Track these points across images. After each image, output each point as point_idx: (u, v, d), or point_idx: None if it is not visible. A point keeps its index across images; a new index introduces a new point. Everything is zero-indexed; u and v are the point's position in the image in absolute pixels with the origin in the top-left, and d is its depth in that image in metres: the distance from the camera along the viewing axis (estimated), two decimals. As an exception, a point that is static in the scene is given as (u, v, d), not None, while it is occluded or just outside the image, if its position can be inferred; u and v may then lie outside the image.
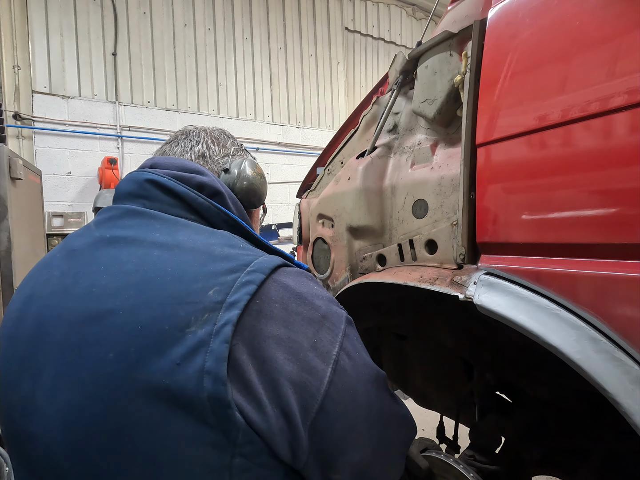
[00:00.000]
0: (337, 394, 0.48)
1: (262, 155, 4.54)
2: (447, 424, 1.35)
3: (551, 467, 1.14)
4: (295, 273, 0.54)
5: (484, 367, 1.16)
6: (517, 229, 0.63)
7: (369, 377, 0.55)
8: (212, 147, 0.71)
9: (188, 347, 0.42)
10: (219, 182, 0.64)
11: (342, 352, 0.50)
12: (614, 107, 0.50)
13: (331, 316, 0.52)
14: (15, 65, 3.43)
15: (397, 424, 0.63)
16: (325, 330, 0.50)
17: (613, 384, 0.48)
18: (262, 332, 0.45)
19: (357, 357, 0.53)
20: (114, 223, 0.55)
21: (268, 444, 0.43)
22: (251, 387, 0.43)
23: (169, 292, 0.45)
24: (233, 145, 0.76)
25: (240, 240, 0.56)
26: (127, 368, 0.42)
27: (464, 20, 0.81)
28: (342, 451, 0.51)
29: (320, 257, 1.24)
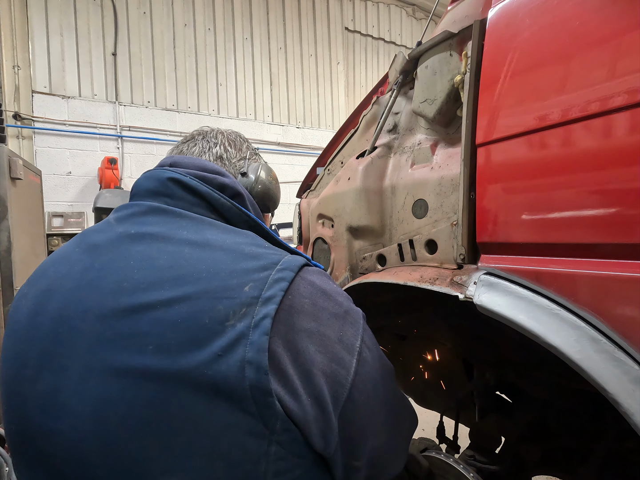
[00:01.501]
0: (362, 383, 0.52)
1: (262, 155, 4.54)
2: (447, 424, 1.35)
3: (551, 467, 1.14)
4: (317, 272, 0.57)
5: (484, 367, 1.16)
6: (517, 228, 0.63)
7: (385, 368, 0.60)
8: (229, 149, 0.73)
9: (229, 339, 0.44)
10: (239, 184, 0.66)
11: (363, 344, 0.54)
12: (614, 107, 0.50)
13: (352, 312, 0.56)
14: (15, 65, 3.43)
15: (406, 414, 0.67)
16: (348, 325, 0.54)
17: (613, 384, 0.48)
18: (294, 325, 0.48)
19: (375, 350, 0.58)
20: (137, 219, 0.55)
21: (303, 432, 0.46)
22: (287, 377, 0.45)
23: (205, 287, 0.47)
24: (248, 149, 0.78)
25: (262, 240, 0.59)
26: (167, 360, 0.43)
27: (464, 20, 0.81)
28: (365, 437, 0.54)
29: (320, 257, 1.24)
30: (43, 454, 0.47)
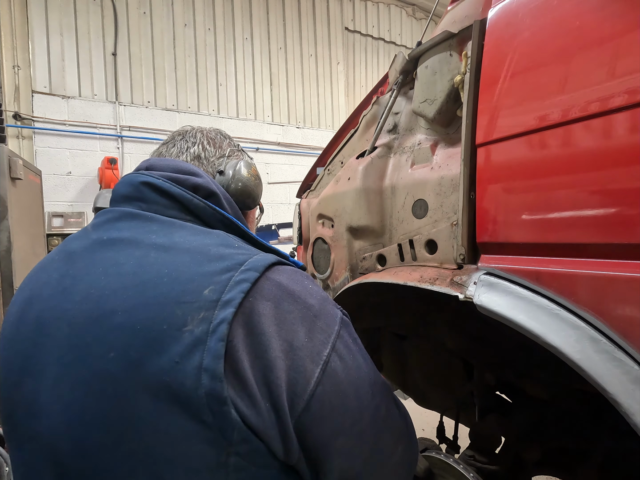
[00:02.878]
0: (325, 395, 0.48)
1: (262, 155, 4.54)
2: (447, 424, 1.35)
3: (551, 467, 1.14)
4: (290, 271, 0.54)
5: (484, 367, 1.16)
6: (517, 229, 0.63)
7: (363, 382, 0.53)
8: (207, 148, 0.72)
9: (186, 345, 0.43)
10: (214, 183, 0.65)
11: (333, 353, 0.50)
12: (614, 107, 0.50)
13: (325, 316, 0.52)
14: (15, 65, 3.43)
15: (396, 437, 0.59)
16: (317, 330, 0.50)
17: (613, 384, 0.48)
18: (254, 329, 0.46)
19: (350, 360, 0.52)
20: (111, 225, 0.56)
21: (263, 440, 0.44)
22: (245, 382, 0.43)
23: (165, 292, 0.46)
24: (229, 146, 0.76)
25: (236, 240, 0.57)
26: (128, 367, 0.43)
27: (464, 20, 0.81)
28: (329, 454, 0.50)
29: (320, 257, 1.24)
30: (31, 455, 0.49)
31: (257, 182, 0.74)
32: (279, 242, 3.80)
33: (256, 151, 4.50)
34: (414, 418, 0.70)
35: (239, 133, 4.39)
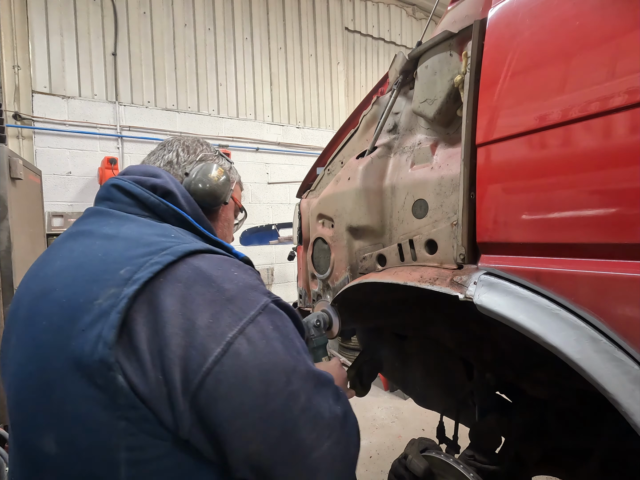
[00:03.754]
0: (222, 375, 0.50)
1: (262, 155, 4.54)
2: (447, 424, 1.35)
3: (551, 467, 1.14)
4: (218, 259, 0.59)
5: (484, 367, 1.16)
6: (517, 229, 0.63)
7: (276, 367, 0.54)
8: (181, 154, 0.81)
9: (93, 315, 0.49)
10: (174, 183, 0.72)
11: (241, 336, 0.52)
12: (614, 107, 0.50)
13: (240, 301, 0.55)
14: (15, 65, 3.43)
15: (319, 431, 0.57)
16: (227, 313, 0.53)
17: (613, 384, 0.48)
18: (158, 306, 0.50)
19: (262, 345, 0.53)
20: (81, 221, 0.66)
21: (152, 410, 0.48)
22: (138, 353, 0.48)
23: (91, 271, 0.54)
24: (204, 151, 0.84)
25: (180, 232, 0.64)
26: (52, 334, 0.52)
27: (464, 20, 0.81)
28: (228, 434, 0.51)
29: (320, 257, 1.24)
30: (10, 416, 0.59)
31: (219, 183, 0.78)
32: (279, 242, 3.80)
33: (256, 151, 4.50)
34: (414, 418, 0.68)
35: (239, 133, 4.39)
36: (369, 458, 2.62)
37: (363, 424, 3.06)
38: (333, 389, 0.62)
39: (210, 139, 4.16)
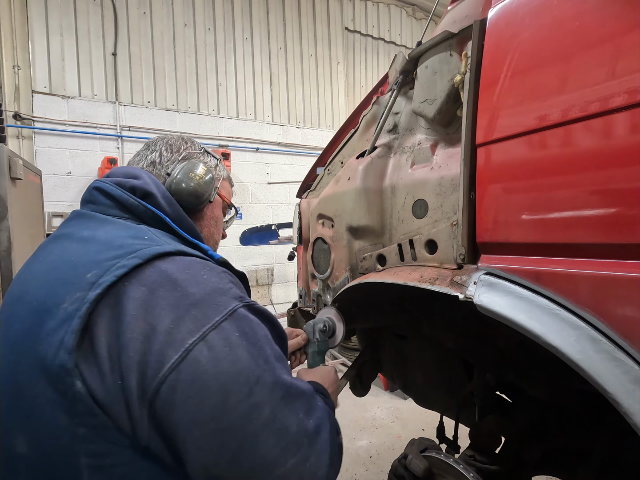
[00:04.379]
0: (179, 383, 0.48)
1: (262, 155, 4.54)
2: (447, 424, 1.35)
3: (551, 467, 1.14)
4: (188, 261, 0.57)
5: (484, 367, 1.16)
6: (517, 229, 0.63)
7: (238, 377, 0.51)
8: (164, 154, 0.79)
9: (58, 320, 0.49)
10: (155, 184, 0.71)
11: (202, 343, 0.50)
12: (614, 107, 0.50)
13: (205, 306, 0.53)
14: (15, 65, 3.43)
15: (282, 446, 0.52)
16: (189, 319, 0.51)
17: (613, 384, 0.48)
18: (120, 311, 0.50)
19: (223, 353, 0.51)
20: (65, 224, 0.67)
21: (110, 416, 0.48)
22: (98, 358, 0.48)
23: (60, 275, 0.55)
24: (188, 149, 0.82)
25: (157, 234, 0.62)
26: (22, 336, 0.52)
27: (464, 20, 0.81)
28: (186, 445, 0.49)
29: (320, 257, 1.24)
30: None
31: (201, 182, 0.77)
32: (279, 242, 3.80)
33: (256, 151, 4.50)
34: (414, 418, 0.66)
35: (239, 133, 4.39)
36: (369, 458, 2.62)
37: (363, 424, 3.06)
38: (305, 401, 0.58)
39: (210, 139, 4.17)
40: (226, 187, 0.91)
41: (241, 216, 4.36)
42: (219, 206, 0.87)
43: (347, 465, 2.56)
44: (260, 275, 4.46)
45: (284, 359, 0.60)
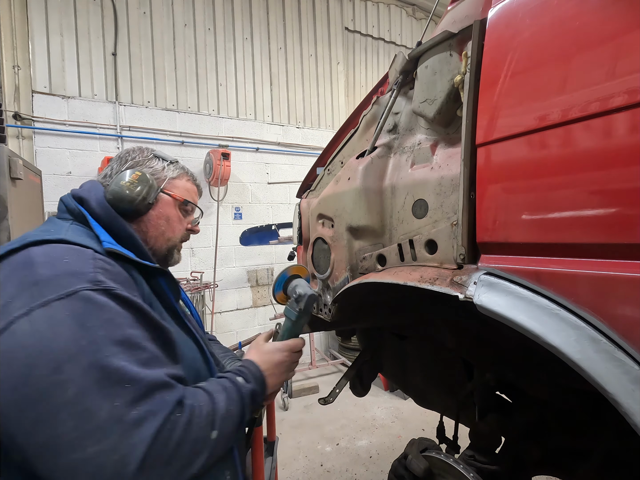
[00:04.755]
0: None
1: (262, 155, 4.53)
2: (447, 424, 1.35)
3: (551, 467, 1.14)
4: (61, 248, 0.63)
5: (484, 367, 1.16)
6: (517, 228, 0.63)
7: (47, 353, 0.51)
8: (113, 166, 0.88)
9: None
10: (94, 192, 0.81)
11: (25, 317, 0.53)
12: (614, 107, 0.50)
13: (46, 285, 0.56)
14: (15, 65, 3.43)
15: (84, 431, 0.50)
16: (26, 294, 0.55)
17: (613, 384, 0.48)
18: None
19: (42, 328, 0.53)
20: None
21: None
22: None
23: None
24: (136, 158, 0.89)
25: (70, 229, 0.72)
26: None
27: (464, 20, 0.81)
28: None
29: (320, 257, 1.24)
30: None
31: (132, 187, 0.82)
32: (279, 242, 3.80)
33: (256, 151, 4.50)
34: (414, 418, 0.67)
35: (239, 133, 4.39)
36: (369, 458, 2.62)
37: (363, 424, 3.06)
38: (135, 390, 0.54)
39: (210, 139, 4.17)
40: (182, 185, 0.93)
41: (241, 216, 4.36)
42: (170, 205, 0.90)
43: (347, 465, 2.56)
44: (260, 275, 4.46)
45: (134, 345, 0.57)
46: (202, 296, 3.89)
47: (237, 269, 4.32)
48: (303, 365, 4.11)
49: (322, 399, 1.35)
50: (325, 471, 2.51)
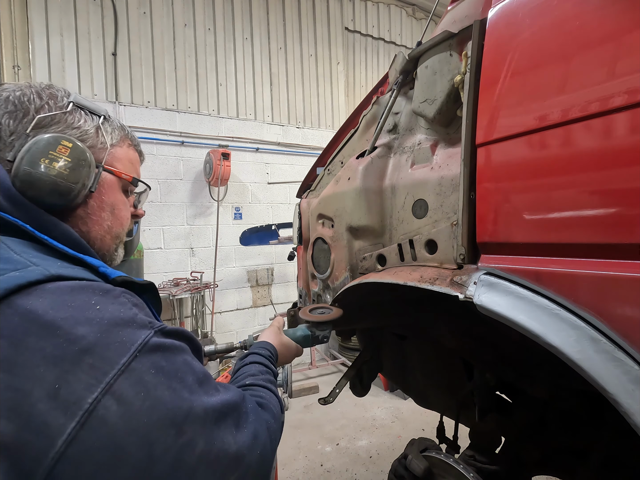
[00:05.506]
0: (84, 454, 0.38)
1: (262, 155, 4.53)
2: (447, 424, 1.35)
3: (551, 467, 1.14)
4: (66, 289, 0.43)
5: (484, 367, 1.16)
6: (517, 229, 0.63)
7: (161, 423, 0.42)
8: (4, 122, 0.54)
9: None
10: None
11: (107, 396, 0.39)
12: (614, 107, 0.50)
13: (103, 347, 0.41)
14: (15, 65, 3.43)
15: (224, 469, 0.48)
16: (83, 370, 0.39)
17: (613, 384, 0.48)
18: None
19: (138, 401, 0.41)
20: None
21: None
22: None
23: None
24: (45, 109, 0.56)
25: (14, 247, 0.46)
26: None
27: (464, 20, 0.81)
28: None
29: (320, 257, 1.24)
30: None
31: (65, 170, 0.54)
32: (279, 242, 3.80)
33: (256, 151, 4.50)
34: (414, 418, 0.67)
35: (239, 133, 4.39)
36: (369, 458, 2.62)
37: (363, 424, 3.06)
38: (237, 414, 0.53)
39: (210, 139, 4.17)
40: (124, 155, 0.66)
41: (241, 216, 4.36)
42: (114, 187, 0.63)
43: (347, 465, 2.56)
44: (260, 275, 4.46)
45: (208, 376, 0.53)
46: (202, 296, 3.89)
47: (237, 269, 4.32)
48: (303, 365, 4.11)
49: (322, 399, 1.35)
50: (325, 471, 2.51)
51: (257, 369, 0.75)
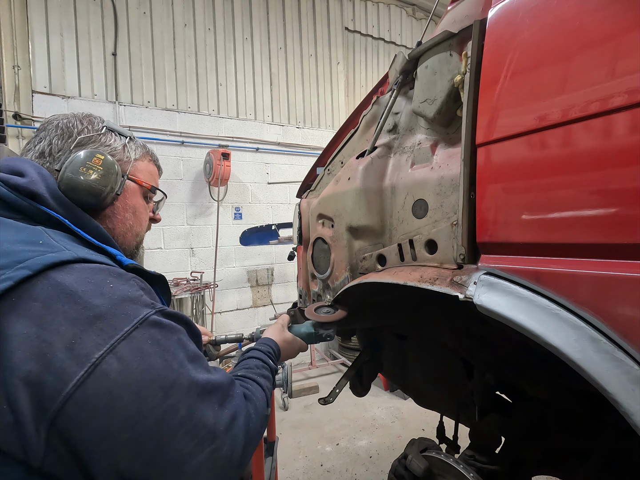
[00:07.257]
0: (87, 398, 0.46)
1: (262, 155, 4.53)
2: (447, 424, 1.35)
3: (551, 467, 1.14)
4: (90, 269, 0.53)
5: (484, 367, 1.16)
6: (517, 228, 0.63)
7: (151, 385, 0.50)
8: (54, 142, 0.70)
9: None
10: (44, 182, 0.64)
11: (111, 355, 0.48)
12: (614, 107, 0.50)
13: (112, 317, 0.51)
14: (15, 65, 3.43)
15: (199, 438, 0.54)
16: (93, 332, 0.49)
17: (613, 384, 0.48)
18: (6, 330, 0.45)
19: (135, 363, 0.50)
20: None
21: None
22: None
23: None
24: (84, 133, 0.73)
25: (56, 237, 0.57)
26: None
27: (464, 20, 0.81)
28: (94, 457, 0.48)
29: (320, 257, 1.24)
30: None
31: (97, 176, 0.69)
32: (279, 242, 3.80)
33: (256, 151, 4.50)
34: (414, 418, 0.67)
35: (239, 133, 4.39)
36: (369, 458, 2.62)
37: (363, 424, 3.06)
38: (221, 393, 0.60)
39: (210, 139, 4.17)
40: (144, 167, 0.82)
41: (241, 216, 4.36)
42: (136, 193, 0.79)
43: (347, 465, 2.56)
44: (260, 275, 4.46)
45: (200, 357, 0.60)
46: (202, 296, 3.89)
47: (237, 269, 4.32)
48: (303, 365, 4.11)
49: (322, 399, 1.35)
50: (325, 471, 2.51)
51: (253, 363, 0.80)
